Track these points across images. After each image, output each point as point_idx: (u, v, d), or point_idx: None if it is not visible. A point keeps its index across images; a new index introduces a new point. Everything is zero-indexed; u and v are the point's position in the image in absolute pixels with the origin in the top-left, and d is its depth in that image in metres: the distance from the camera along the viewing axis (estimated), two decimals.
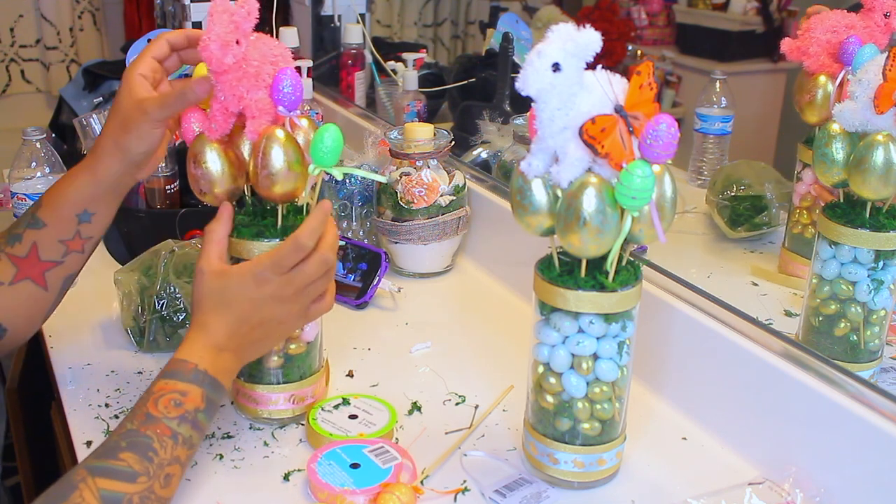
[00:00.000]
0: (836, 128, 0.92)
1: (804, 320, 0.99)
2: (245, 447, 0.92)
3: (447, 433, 0.95)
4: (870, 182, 0.88)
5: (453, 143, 1.33)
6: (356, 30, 1.85)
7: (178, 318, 1.08)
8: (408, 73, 1.71)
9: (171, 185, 1.30)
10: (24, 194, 1.18)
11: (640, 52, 1.85)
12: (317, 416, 0.93)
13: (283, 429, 0.95)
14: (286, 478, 0.87)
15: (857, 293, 0.93)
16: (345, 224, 1.38)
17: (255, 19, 0.83)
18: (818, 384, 0.85)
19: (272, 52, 0.85)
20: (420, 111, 1.70)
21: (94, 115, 1.38)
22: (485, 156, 1.48)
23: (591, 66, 0.73)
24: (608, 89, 0.73)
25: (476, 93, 1.76)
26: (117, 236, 1.43)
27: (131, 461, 0.73)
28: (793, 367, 0.88)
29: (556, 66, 0.71)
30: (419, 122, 1.62)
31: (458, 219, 1.32)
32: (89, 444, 0.91)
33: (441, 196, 1.29)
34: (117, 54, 2.53)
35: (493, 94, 1.61)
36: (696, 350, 0.98)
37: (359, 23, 1.86)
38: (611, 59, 1.71)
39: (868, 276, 0.92)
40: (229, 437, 0.93)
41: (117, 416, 0.96)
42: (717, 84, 1.41)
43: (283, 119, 0.85)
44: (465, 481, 0.87)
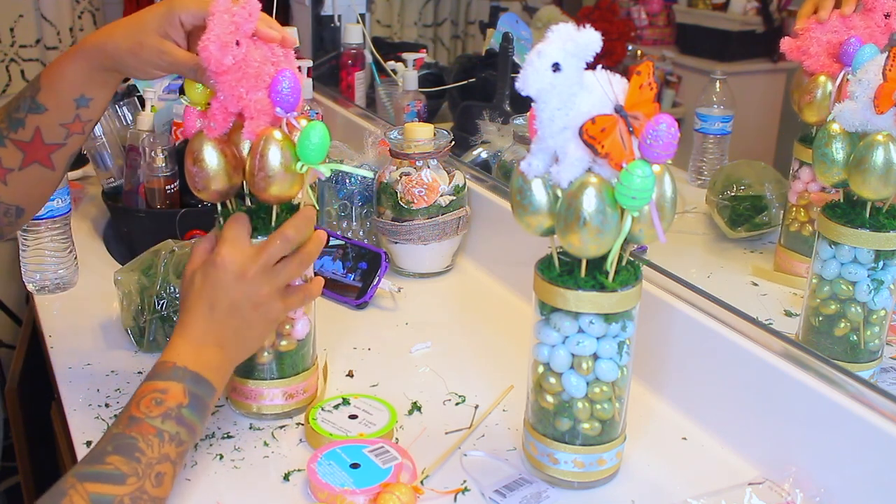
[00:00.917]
0: (836, 128, 0.92)
1: (804, 320, 0.99)
2: (245, 447, 0.92)
3: (447, 433, 0.95)
4: (870, 182, 0.88)
5: (453, 143, 1.33)
6: (356, 30, 1.85)
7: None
8: (408, 73, 1.71)
9: (171, 185, 1.30)
10: None
11: (640, 52, 1.85)
12: (317, 416, 0.93)
13: (283, 429, 0.95)
14: (286, 478, 0.87)
15: (857, 293, 0.93)
16: (345, 224, 1.38)
17: (257, 18, 0.83)
18: (818, 384, 0.85)
19: (274, 52, 0.85)
20: (420, 111, 1.70)
21: None
22: (485, 156, 1.48)
23: (591, 66, 0.73)
24: (608, 89, 0.73)
25: (476, 93, 1.76)
26: (117, 236, 1.44)
27: (118, 463, 0.74)
28: (793, 367, 0.88)
29: (556, 66, 0.71)
30: (419, 122, 1.62)
31: (458, 219, 1.32)
32: (89, 444, 0.91)
33: (441, 196, 1.29)
34: None
35: (493, 94, 1.61)
36: (696, 350, 0.98)
37: (359, 23, 1.86)
38: (611, 59, 1.71)
39: (868, 276, 0.92)
40: (229, 437, 0.93)
41: (117, 416, 0.96)
42: (717, 84, 1.41)
43: (281, 120, 0.85)
44: (465, 481, 0.87)
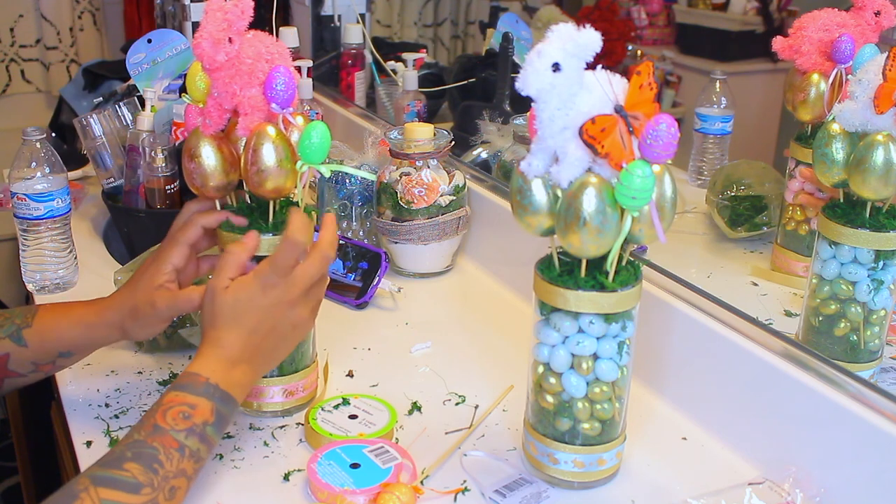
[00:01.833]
0: (835, 128, 0.92)
1: (804, 320, 0.99)
2: (245, 447, 0.92)
3: (447, 433, 0.95)
4: (870, 182, 0.88)
5: (453, 143, 1.33)
6: (356, 30, 1.85)
7: (179, 317, 1.08)
8: (408, 73, 1.70)
9: (171, 185, 1.29)
10: (24, 194, 1.18)
11: (640, 52, 1.85)
12: (317, 416, 0.93)
13: (283, 429, 0.95)
14: (286, 478, 0.87)
15: (857, 293, 0.93)
16: (345, 224, 1.38)
17: (250, 17, 0.83)
18: (818, 384, 0.85)
19: (269, 49, 0.85)
20: (420, 111, 1.70)
21: (94, 115, 1.38)
22: (485, 156, 1.48)
23: (591, 66, 0.73)
24: (608, 89, 0.73)
25: (476, 93, 1.76)
26: (117, 236, 1.43)
27: (136, 472, 0.72)
28: (793, 367, 0.88)
29: (556, 66, 0.71)
30: (419, 122, 1.62)
31: (458, 219, 1.32)
32: (89, 444, 0.91)
33: (441, 196, 1.29)
34: (117, 54, 2.53)
35: (493, 94, 1.61)
36: (696, 350, 0.98)
37: (359, 23, 1.86)
38: (611, 59, 1.71)
39: (868, 276, 0.92)
40: (229, 437, 0.93)
41: (117, 416, 0.96)
42: (717, 84, 1.41)
43: (276, 116, 0.86)
44: (465, 481, 0.87)
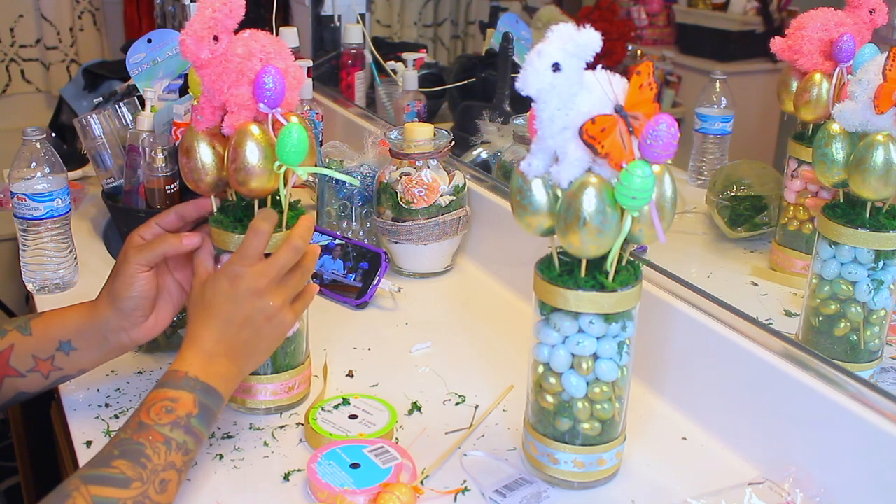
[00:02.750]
0: (836, 128, 0.92)
1: (804, 320, 0.99)
2: (245, 447, 0.92)
3: (447, 433, 0.95)
4: (870, 182, 0.88)
5: (453, 143, 1.33)
6: (356, 30, 1.85)
7: (178, 317, 1.07)
8: (408, 73, 1.71)
9: (171, 185, 1.29)
10: (24, 194, 1.18)
11: (640, 52, 1.85)
12: (317, 416, 0.93)
13: (283, 429, 0.95)
14: (286, 478, 0.87)
15: (857, 293, 0.93)
16: (345, 224, 1.38)
17: (240, 16, 0.84)
18: (818, 384, 0.85)
19: (264, 48, 0.85)
20: (420, 111, 1.70)
21: (94, 115, 1.38)
22: (485, 156, 1.48)
23: (591, 66, 0.73)
24: (608, 89, 0.73)
25: (476, 93, 1.76)
26: (117, 236, 1.44)
27: (124, 468, 0.74)
28: (793, 367, 0.88)
29: (556, 66, 0.71)
30: (419, 122, 1.62)
31: (458, 219, 1.32)
32: (89, 444, 0.91)
33: (441, 196, 1.29)
34: (117, 54, 2.53)
35: (493, 94, 1.61)
36: (696, 350, 0.98)
37: (359, 23, 1.86)
38: (611, 59, 1.71)
39: (868, 276, 0.92)
40: (229, 437, 0.93)
41: (117, 416, 0.96)
42: (717, 84, 1.41)
43: (264, 115, 0.86)
44: (465, 481, 0.87)
